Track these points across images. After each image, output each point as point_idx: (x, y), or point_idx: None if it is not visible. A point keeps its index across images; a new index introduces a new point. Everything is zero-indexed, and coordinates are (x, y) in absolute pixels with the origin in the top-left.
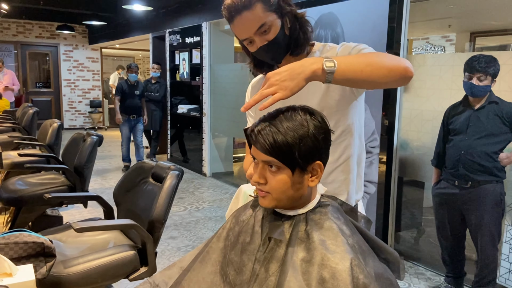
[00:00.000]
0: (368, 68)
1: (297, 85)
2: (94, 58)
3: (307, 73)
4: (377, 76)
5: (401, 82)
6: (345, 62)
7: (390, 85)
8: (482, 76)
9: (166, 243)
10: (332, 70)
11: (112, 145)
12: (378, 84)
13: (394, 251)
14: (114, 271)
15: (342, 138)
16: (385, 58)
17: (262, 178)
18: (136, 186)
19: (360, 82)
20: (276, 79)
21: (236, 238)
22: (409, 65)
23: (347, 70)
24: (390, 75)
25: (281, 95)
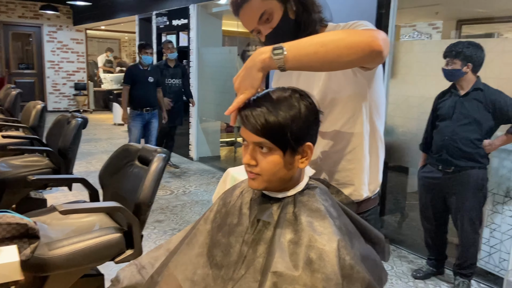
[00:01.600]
0: (322, 49)
1: (255, 78)
2: (79, 40)
3: (258, 65)
4: (336, 56)
5: (368, 59)
6: (297, 46)
7: (356, 63)
8: (450, 60)
9: (153, 227)
10: (280, 57)
11: (97, 128)
12: (339, 64)
13: (380, 233)
14: (99, 254)
15: (350, 124)
16: (345, 35)
17: (253, 160)
18: (122, 168)
19: (318, 65)
20: (238, 82)
21: (224, 220)
22: (376, 38)
23: (298, 55)
24: (351, 52)
25: (245, 95)
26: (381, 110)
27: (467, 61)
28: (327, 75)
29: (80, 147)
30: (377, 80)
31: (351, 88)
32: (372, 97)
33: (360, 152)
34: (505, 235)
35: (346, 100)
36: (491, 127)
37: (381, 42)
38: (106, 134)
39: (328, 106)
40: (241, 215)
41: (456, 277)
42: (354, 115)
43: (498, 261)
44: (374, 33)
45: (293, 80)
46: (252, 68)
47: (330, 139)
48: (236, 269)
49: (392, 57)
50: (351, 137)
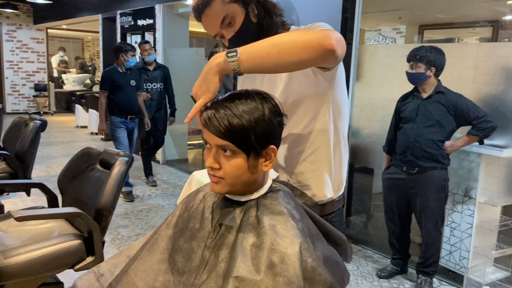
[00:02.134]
0: (274, 50)
1: (211, 82)
2: (39, 39)
3: (213, 69)
4: (288, 56)
5: (321, 58)
6: (250, 49)
7: (310, 62)
8: (414, 63)
9: (116, 232)
10: (233, 60)
11: (59, 131)
12: (293, 64)
13: (342, 235)
14: (58, 261)
15: (312, 125)
16: (297, 35)
17: (216, 163)
18: (82, 173)
19: (272, 66)
20: (195, 89)
21: (186, 225)
22: (328, 37)
23: (252, 57)
24: (303, 52)
25: (203, 100)
26: (343, 111)
27: (430, 65)
28: (289, 77)
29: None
30: (338, 81)
31: (312, 89)
32: (334, 98)
33: (323, 153)
34: (464, 234)
35: (308, 102)
36: (453, 129)
37: (333, 41)
38: (68, 137)
39: (290, 107)
40: (204, 220)
41: (419, 275)
42: (316, 116)
43: (459, 259)
44: (327, 32)
45: (257, 83)
46: (208, 72)
47: (293, 141)
48: (198, 275)
49: (357, 60)
50: (314, 138)
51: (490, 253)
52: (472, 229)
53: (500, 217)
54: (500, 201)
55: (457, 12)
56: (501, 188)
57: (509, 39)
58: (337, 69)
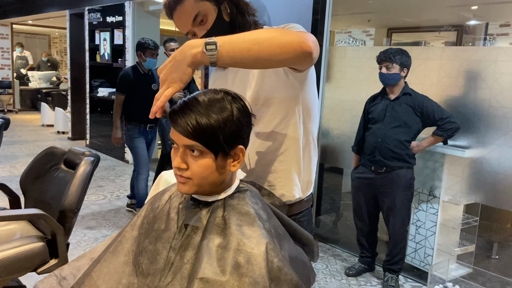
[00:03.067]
0: (255, 47)
1: (184, 73)
2: (4, 35)
3: (188, 59)
4: (267, 54)
5: (299, 59)
6: (230, 42)
7: (288, 62)
8: (389, 64)
9: (83, 234)
10: (213, 53)
11: (23, 129)
12: (271, 62)
13: (309, 234)
14: (19, 264)
15: (283, 126)
16: (278, 34)
17: (183, 163)
18: (46, 173)
19: (250, 62)
20: (163, 73)
21: (151, 226)
22: (307, 40)
23: (231, 51)
24: (283, 51)
25: (172, 89)
26: (313, 113)
27: (403, 66)
28: (260, 76)
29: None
30: (309, 83)
31: (283, 90)
32: (305, 99)
33: (293, 154)
34: (429, 232)
35: (279, 102)
36: (419, 129)
37: (311, 44)
38: (33, 135)
39: (261, 107)
40: (169, 220)
41: (386, 273)
42: (287, 116)
43: (423, 257)
44: (305, 35)
45: (229, 81)
46: (182, 61)
47: (264, 140)
48: (162, 277)
49: (327, 61)
50: (284, 138)
51: (453, 250)
52: (436, 227)
53: (462, 215)
54: (463, 200)
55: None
56: (463, 187)
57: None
58: (308, 71)
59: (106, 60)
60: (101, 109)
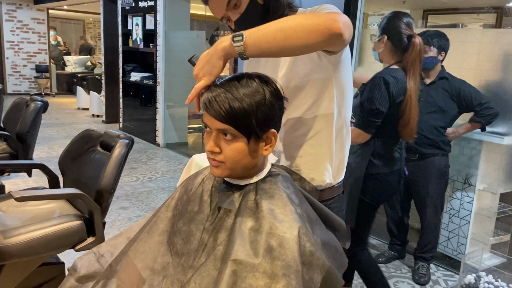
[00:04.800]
0: (281, 34)
1: (215, 66)
2: (40, 20)
3: (218, 52)
4: (294, 40)
5: (328, 42)
6: (256, 33)
7: (316, 47)
8: (426, 48)
9: (117, 213)
10: (239, 45)
11: (60, 112)
12: (299, 48)
13: (341, 220)
14: (58, 242)
15: (314, 109)
16: (304, 19)
17: (216, 147)
18: (83, 154)
19: (278, 50)
20: (197, 69)
21: (185, 208)
22: (336, 21)
23: (258, 41)
24: (310, 36)
25: (204, 82)
26: (347, 96)
27: (441, 50)
28: (292, 59)
29: (41, 132)
30: (343, 65)
31: (316, 73)
32: (339, 82)
33: (324, 138)
34: (463, 221)
35: (311, 85)
36: (455, 115)
37: (341, 25)
38: (70, 118)
39: (292, 90)
40: (202, 203)
41: (417, 261)
42: (318, 100)
43: (456, 246)
44: (334, 16)
45: (261, 64)
46: (213, 55)
47: (294, 124)
48: (196, 257)
49: (360, 44)
50: (315, 122)
51: (488, 240)
52: (471, 216)
53: (498, 204)
54: (499, 189)
55: None
56: (500, 176)
57: None
58: (342, 53)
59: (138, 44)
60: (133, 93)
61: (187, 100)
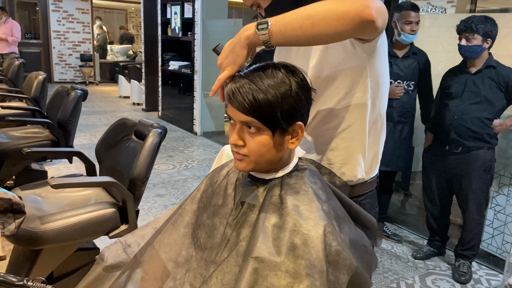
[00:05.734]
0: (308, 22)
1: (239, 55)
2: (84, 9)
3: (242, 41)
4: (322, 28)
5: (359, 29)
6: (282, 20)
7: (346, 35)
8: (469, 35)
9: (153, 201)
10: (264, 33)
11: (102, 100)
12: (327, 37)
13: (372, 217)
14: (92, 228)
15: (346, 100)
16: (333, 5)
17: (240, 140)
18: (118, 143)
19: (305, 39)
20: (221, 59)
21: (209, 200)
22: (367, 7)
23: (284, 29)
24: (339, 23)
25: (227, 72)
26: (383, 87)
27: (487, 37)
28: (324, 47)
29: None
30: (379, 53)
31: (349, 61)
32: (373, 72)
33: (356, 131)
34: (509, 217)
35: (343, 75)
36: (503, 106)
37: (373, 11)
38: (111, 106)
39: (324, 80)
40: (226, 196)
41: (458, 258)
42: (352, 90)
43: (501, 244)
44: (366, 1)
45: (292, 53)
46: (237, 44)
47: (325, 116)
48: (219, 252)
49: None
50: (347, 114)
51: None
52: None
53: None
54: None
55: None
56: None
57: None
58: (377, 41)
59: (176, 33)
60: (172, 82)
61: (211, 92)
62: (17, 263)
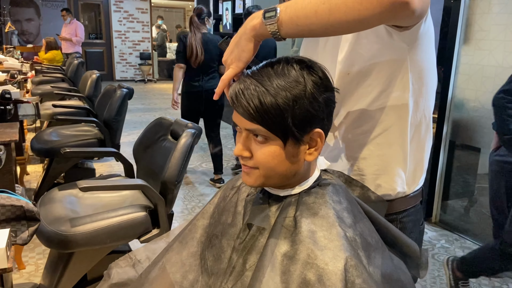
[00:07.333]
0: (324, 6)
1: (244, 49)
2: (144, 9)
3: (248, 32)
4: (342, 14)
5: (389, 16)
6: (293, 5)
7: (373, 22)
8: None
9: (197, 200)
10: (272, 22)
11: (159, 98)
12: (348, 24)
13: (413, 243)
14: (123, 232)
15: (382, 100)
16: None
17: (246, 151)
18: (155, 143)
19: (321, 28)
20: (226, 55)
21: (219, 217)
22: None
23: (295, 17)
24: (363, 8)
25: (232, 70)
26: (428, 83)
27: None
28: (355, 37)
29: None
30: (422, 43)
31: (385, 54)
32: (415, 65)
33: (395, 136)
34: None
35: (378, 70)
36: None
37: None
38: (166, 104)
39: (355, 77)
40: (236, 214)
41: None
42: (388, 88)
43: None
44: None
45: (320, 45)
46: (242, 36)
47: (357, 118)
48: (224, 280)
49: (466, 19)
50: (384, 116)
51: None
52: None
53: None
54: None
55: None
56: None
57: None
58: (419, 28)
59: (228, 30)
60: None
61: (215, 95)
62: (52, 265)
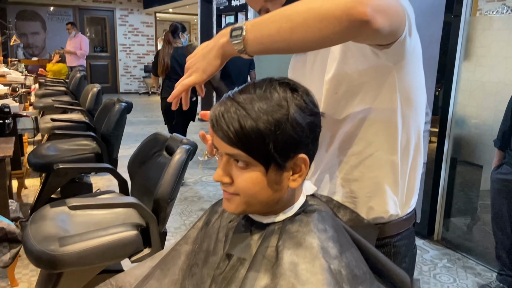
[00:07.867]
0: (286, 25)
1: (210, 64)
2: (149, 23)
3: (216, 49)
4: (303, 33)
5: (352, 32)
6: (258, 24)
7: (336, 39)
8: None
9: (196, 215)
10: (238, 40)
11: None
12: (311, 42)
13: (402, 272)
14: (113, 252)
15: (371, 120)
16: (318, 3)
17: (226, 176)
18: (150, 159)
19: (285, 46)
20: (190, 61)
21: (202, 243)
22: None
23: (259, 35)
24: (323, 26)
25: (193, 78)
26: (417, 102)
27: None
28: (342, 57)
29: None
30: (409, 62)
31: (372, 73)
32: (403, 85)
33: (385, 157)
34: None
35: (366, 89)
36: None
37: (367, 8)
38: None
39: (343, 96)
40: (217, 242)
41: None
42: (377, 108)
43: None
44: None
45: (308, 65)
46: (211, 51)
47: (347, 139)
48: None
49: (466, 35)
50: (373, 136)
51: None
52: None
53: None
54: None
55: None
56: None
57: None
58: (403, 45)
59: None
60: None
61: (170, 97)
62: (42, 284)
